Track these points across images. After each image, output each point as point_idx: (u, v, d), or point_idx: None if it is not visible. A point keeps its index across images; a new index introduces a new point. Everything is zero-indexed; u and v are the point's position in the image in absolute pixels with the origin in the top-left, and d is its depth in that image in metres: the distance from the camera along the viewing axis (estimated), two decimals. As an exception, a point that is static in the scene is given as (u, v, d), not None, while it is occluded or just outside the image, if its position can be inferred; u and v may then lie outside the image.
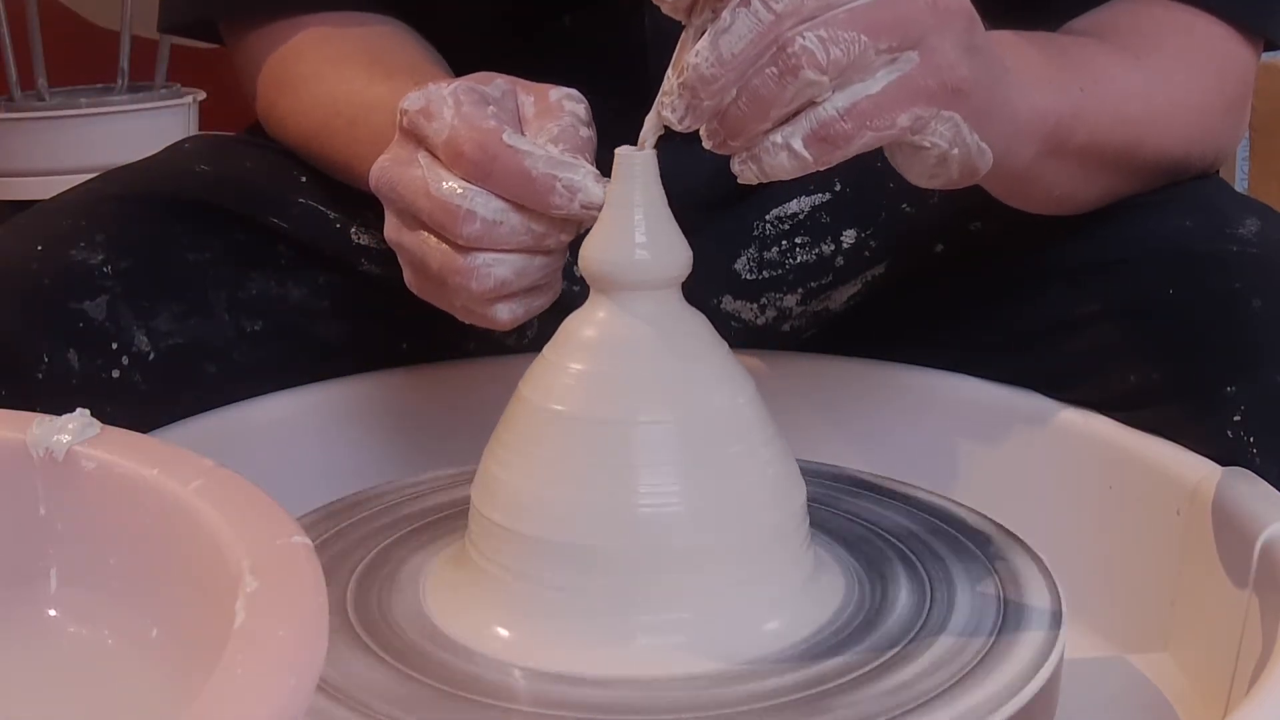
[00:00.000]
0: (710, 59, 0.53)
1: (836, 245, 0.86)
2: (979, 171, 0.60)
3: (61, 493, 0.52)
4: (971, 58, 0.56)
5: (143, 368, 0.77)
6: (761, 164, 0.55)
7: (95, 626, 0.52)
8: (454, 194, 0.60)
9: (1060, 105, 0.67)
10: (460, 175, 0.60)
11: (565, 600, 0.56)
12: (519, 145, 0.60)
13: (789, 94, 0.53)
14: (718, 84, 0.53)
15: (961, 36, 0.56)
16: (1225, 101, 0.79)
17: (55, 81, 2.37)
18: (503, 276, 0.61)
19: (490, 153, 0.59)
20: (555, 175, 0.59)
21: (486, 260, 0.61)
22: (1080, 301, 0.76)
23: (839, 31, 0.52)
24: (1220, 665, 0.64)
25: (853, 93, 0.54)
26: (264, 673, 0.38)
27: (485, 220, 0.60)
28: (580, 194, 0.59)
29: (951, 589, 0.61)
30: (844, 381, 0.85)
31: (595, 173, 0.60)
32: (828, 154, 0.54)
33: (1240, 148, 1.76)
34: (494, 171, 0.59)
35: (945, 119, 0.56)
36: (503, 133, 0.60)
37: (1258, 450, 0.68)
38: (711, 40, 0.53)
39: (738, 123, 0.54)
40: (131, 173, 0.86)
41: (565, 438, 0.57)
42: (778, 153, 0.55)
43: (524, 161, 0.59)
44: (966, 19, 0.56)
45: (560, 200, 0.59)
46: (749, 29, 0.52)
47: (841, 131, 0.54)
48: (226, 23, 0.90)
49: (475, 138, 0.60)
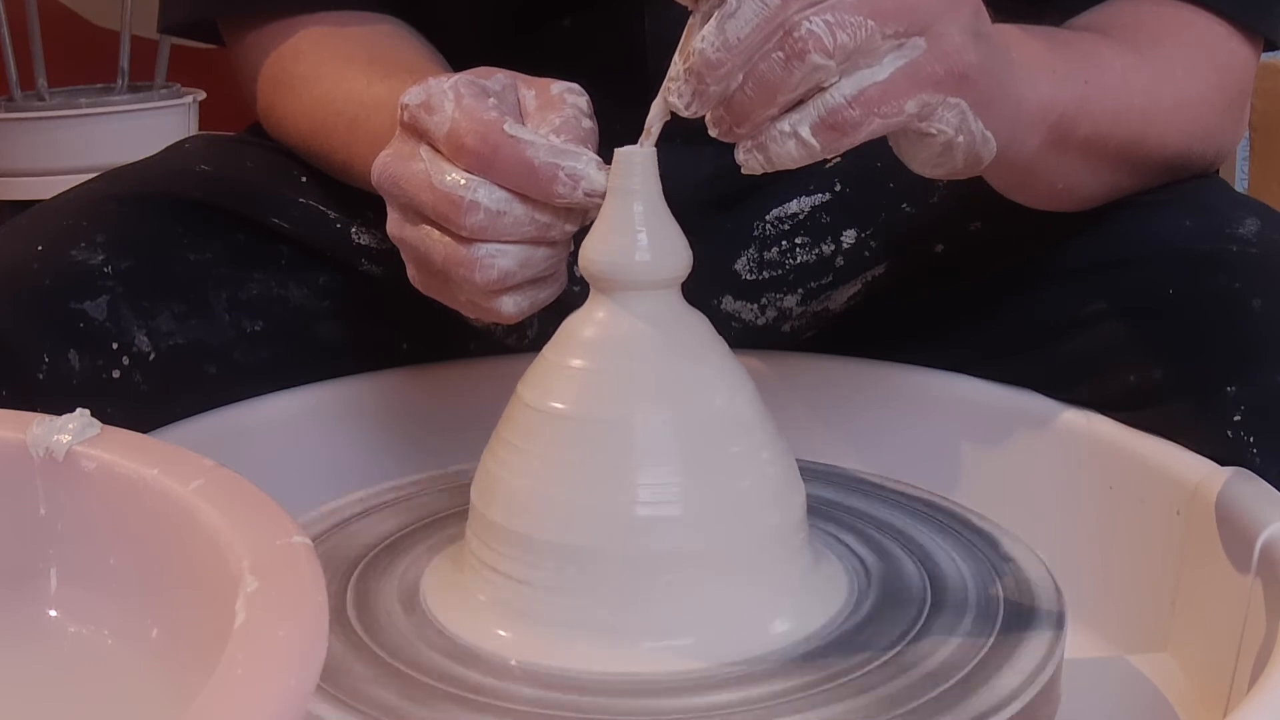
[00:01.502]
0: (717, 44, 0.53)
1: (836, 245, 0.86)
2: (983, 161, 0.60)
3: (61, 493, 0.52)
4: (978, 44, 0.56)
5: (143, 368, 0.78)
6: (769, 152, 0.55)
7: (95, 626, 0.52)
8: (457, 185, 0.60)
9: (1064, 97, 0.67)
10: (463, 167, 0.60)
11: (565, 600, 0.56)
12: (521, 135, 0.59)
13: (796, 79, 0.53)
14: (724, 69, 0.53)
15: (969, 22, 0.56)
16: (1226, 99, 0.79)
17: (55, 81, 2.38)
18: (506, 267, 0.61)
19: (492, 143, 0.59)
20: (558, 164, 0.59)
21: (490, 251, 0.60)
22: (1080, 302, 0.76)
23: (846, 16, 0.52)
24: (1220, 665, 0.64)
25: (860, 79, 0.54)
26: (264, 673, 0.38)
27: (489, 210, 0.59)
28: (584, 182, 0.59)
29: (951, 589, 0.61)
30: (844, 381, 0.85)
31: (598, 160, 0.60)
32: (836, 141, 0.54)
33: (1240, 148, 1.76)
34: (496, 162, 0.59)
35: (952, 106, 0.56)
36: (504, 123, 0.60)
37: (1258, 450, 0.68)
38: (718, 25, 0.53)
39: (744, 109, 0.54)
40: (132, 173, 0.86)
41: (565, 437, 0.57)
42: (785, 141, 0.54)
43: (526, 151, 0.59)
44: (973, 5, 0.56)
45: (563, 189, 0.59)
46: (755, 13, 0.52)
47: (849, 119, 0.54)
48: (226, 22, 0.90)
49: (477, 129, 0.60)
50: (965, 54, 0.55)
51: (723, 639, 0.56)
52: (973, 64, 0.56)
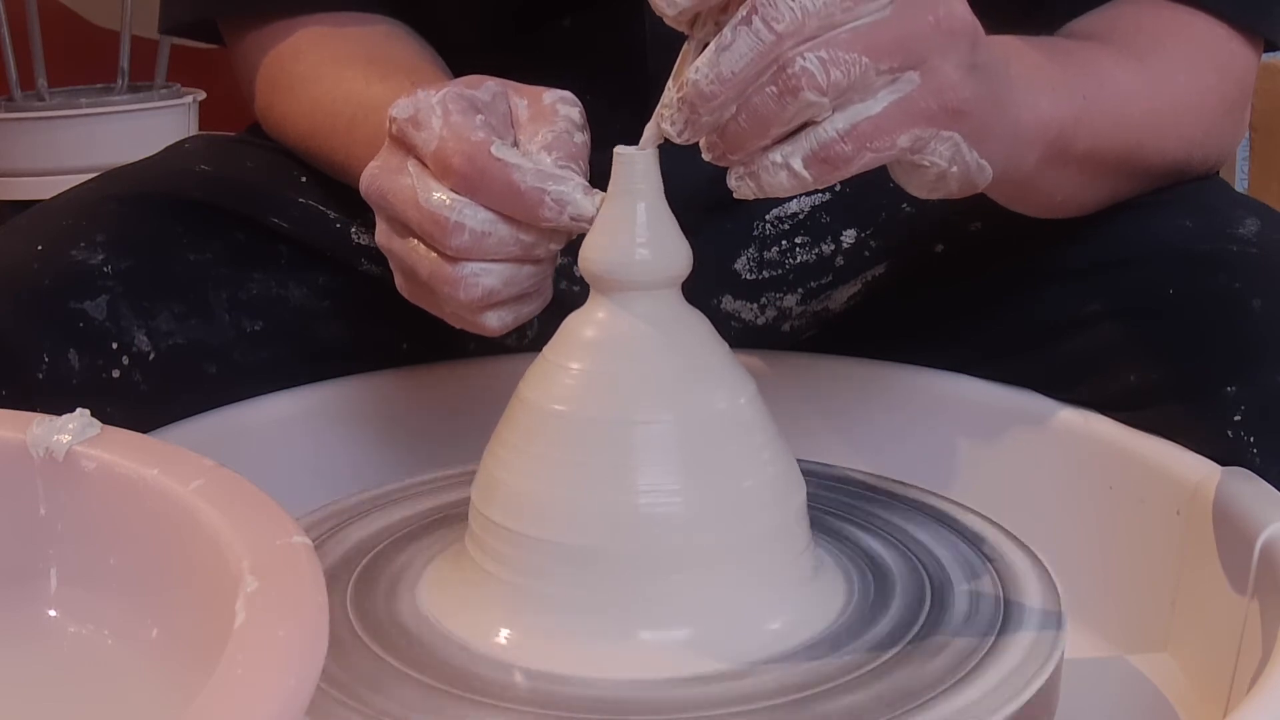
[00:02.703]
0: (710, 76, 0.53)
1: (836, 245, 0.86)
2: (978, 186, 0.60)
3: (61, 493, 0.52)
4: (973, 77, 0.56)
5: (143, 368, 0.77)
6: (760, 181, 0.55)
7: (95, 626, 0.52)
8: (443, 205, 0.60)
9: (1063, 113, 0.67)
10: (449, 186, 0.60)
11: (565, 600, 0.56)
12: (507, 158, 0.59)
13: (789, 113, 0.53)
14: (717, 101, 0.53)
15: (964, 56, 0.56)
16: (1226, 103, 0.79)
17: (55, 81, 2.38)
18: (490, 286, 0.61)
19: (478, 166, 0.59)
20: (544, 189, 0.59)
21: (474, 270, 0.61)
22: (1080, 301, 0.76)
23: (840, 53, 0.52)
24: (1220, 665, 0.64)
25: (853, 113, 0.54)
26: (264, 673, 0.38)
27: (474, 232, 0.60)
28: (569, 207, 0.59)
29: (951, 589, 0.61)
30: (844, 381, 0.85)
31: (585, 185, 0.60)
32: (827, 175, 0.54)
33: (1240, 148, 1.76)
34: (482, 185, 0.59)
35: (945, 139, 0.56)
36: (491, 145, 0.60)
37: (1258, 450, 0.68)
38: (712, 57, 0.53)
39: (737, 139, 0.54)
40: (132, 173, 0.86)
41: (565, 437, 0.57)
42: (777, 172, 0.55)
43: (512, 175, 0.59)
44: (970, 39, 0.56)
45: (549, 213, 0.59)
46: (750, 47, 0.52)
47: (841, 153, 0.54)
48: (225, 23, 0.90)
49: (464, 150, 0.60)
50: (960, 89, 0.55)
51: (723, 639, 0.56)
52: (967, 98, 0.55)
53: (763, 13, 0.52)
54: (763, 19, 0.52)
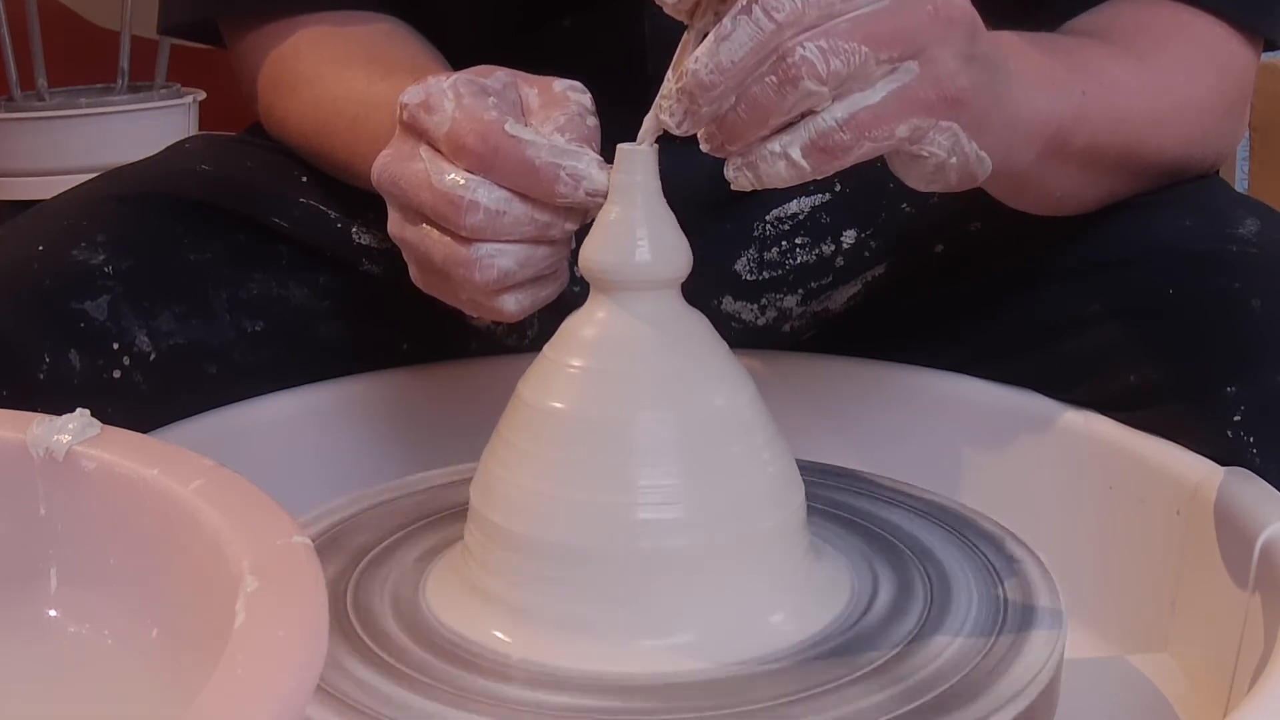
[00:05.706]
0: (709, 65, 0.53)
1: (836, 246, 0.86)
2: (978, 178, 0.60)
3: (61, 493, 0.52)
4: (972, 67, 0.56)
5: (143, 368, 0.78)
6: (758, 171, 0.55)
7: (95, 626, 0.52)
8: (456, 185, 0.60)
9: (1062, 108, 0.67)
10: (463, 167, 0.60)
11: (565, 599, 0.56)
12: (521, 135, 0.59)
13: (788, 103, 0.53)
14: (716, 91, 0.53)
15: (962, 46, 0.56)
16: (1226, 102, 0.79)
17: (55, 81, 2.38)
18: (506, 267, 0.61)
19: (492, 143, 0.59)
20: (559, 164, 0.59)
21: (489, 251, 0.60)
22: (1080, 302, 0.76)
23: (839, 42, 0.52)
24: (1220, 665, 0.64)
25: (852, 103, 0.54)
26: (264, 673, 0.38)
27: (488, 210, 0.59)
28: (585, 181, 0.59)
29: (952, 589, 0.61)
30: (844, 381, 0.85)
31: (599, 159, 0.60)
32: (825, 164, 0.54)
33: (1240, 148, 1.76)
34: (497, 162, 0.59)
35: (944, 129, 0.56)
36: (504, 123, 0.60)
37: (1258, 450, 0.68)
38: (712, 47, 0.53)
39: (736, 129, 0.54)
40: (132, 173, 0.86)
41: (565, 437, 0.57)
42: (775, 161, 0.54)
43: (526, 151, 0.59)
44: (968, 29, 0.56)
45: (565, 188, 0.59)
46: (750, 37, 0.52)
47: (840, 142, 0.54)
48: (225, 23, 0.90)
49: (477, 129, 0.60)
50: (958, 79, 0.55)
51: (723, 639, 0.56)
52: (965, 88, 0.56)
53: (763, 2, 0.52)
54: (763, 8, 0.52)
